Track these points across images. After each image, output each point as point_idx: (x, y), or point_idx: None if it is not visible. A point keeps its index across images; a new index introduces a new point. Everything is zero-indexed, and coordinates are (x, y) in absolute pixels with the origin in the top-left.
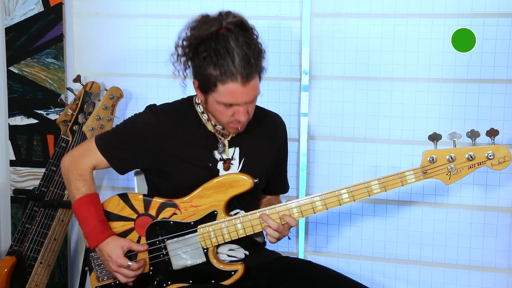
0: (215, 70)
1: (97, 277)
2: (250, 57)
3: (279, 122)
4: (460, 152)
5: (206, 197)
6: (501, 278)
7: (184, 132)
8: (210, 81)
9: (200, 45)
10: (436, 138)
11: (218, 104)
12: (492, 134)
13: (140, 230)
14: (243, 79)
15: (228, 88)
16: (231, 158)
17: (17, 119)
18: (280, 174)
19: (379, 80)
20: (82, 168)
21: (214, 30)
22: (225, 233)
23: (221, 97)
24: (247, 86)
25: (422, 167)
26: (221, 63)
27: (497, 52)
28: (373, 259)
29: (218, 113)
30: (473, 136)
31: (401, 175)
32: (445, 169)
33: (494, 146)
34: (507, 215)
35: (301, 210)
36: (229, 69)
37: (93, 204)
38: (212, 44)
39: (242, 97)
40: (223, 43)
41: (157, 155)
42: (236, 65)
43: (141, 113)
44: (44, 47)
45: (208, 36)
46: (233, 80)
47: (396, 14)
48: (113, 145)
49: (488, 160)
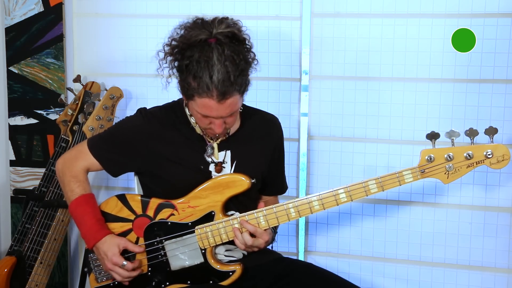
0: (194, 81)
1: (96, 278)
2: (230, 74)
3: (274, 123)
4: (459, 151)
5: (203, 198)
6: (501, 278)
7: (174, 134)
8: (189, 90)
9: (186, 50)
10: (434, 137)
11: (196, 112)
12: (490, 133)
13: (138, 231)
14: (219, 96)
15: (203, 102)
16: (222, 162)
17: (17, 119)
18: (277, 174)
19: (379, 80)
20: (75, 170)
21: (202, 38)
22: (222, 234)
23: (198, 107)
24: (223, 103)
25: (420, 166)
26: (199, 76)
27: (497, 52)
28: (373, 259)
29: (196, 118)
30: (472, 134)
31: (399, 175)
32: (443, 168)
33: (492, 144)
34: (507, 215)
35: (298, 210)
36: (206, 84)
37: (88, 204)
38: (196, 53)
39: (217, 112)
40: (207, 55)
41: (148, 158)
42: (214, 81)
43: (132, 116)
44: (44, 47)
45: (195, 43)
46: (209, 96)
47: (396, 14)
48: (105, 148)
49: (486, 159)
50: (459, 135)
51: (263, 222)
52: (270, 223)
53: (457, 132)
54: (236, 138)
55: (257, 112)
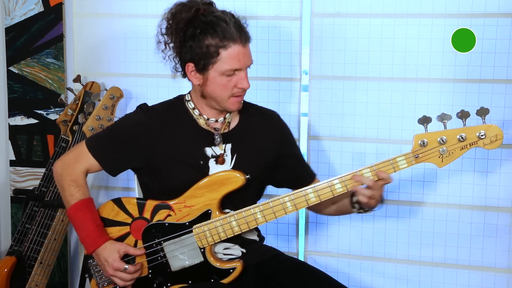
0: (214, 39)
1: (97, 283)
2: (239, 20)
3: (275, 117)
4: (451, 133)
5: (199, 197)
6: (501, 278)
7: (175, 130)
8: (210, 51)
9: (188, 27)
10: (426, 121)
11: (221, 76)
12: (482, 113)
13: (136, 234)
14: (243, 39)
15: (230, 52)
16: (223, 153)
17: (17, 119)
18: (299, 163)
19: (379, 80)
20: (75, 173)
21: (194, 11)
22: (220, 231)
23: (225, 63)
24: (247, 48)
25: (413, 152)
26: (218, 30)
27: (497, 52)
28: (373, 259)
29: (219, 88)
30: (464, 116)
31: (393, 161)
32: (437, 152)
33: (485, 125)
34: (507, 215)
35: (294, 204)
36: (228, 32)
37: (88, 209)
38: (201, 19)
39: (244, 59)
40: (211, 15)
41: (148, 153)
42: (232, 28)
43: (132, 113)
44: (44, 47)
45: (192, 17)
46: (234, 42)
47: (396, 14)
48: (105, 146)
49: (479, 140)
50: (450, 118)
51: (260, 217)
52: (267, 218)
53: (448, 115)
54: (236, 132)
55: (256, 108)
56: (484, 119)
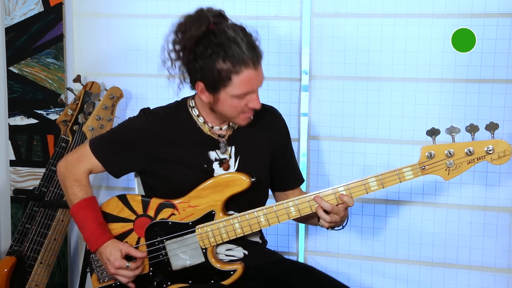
0: (225, 63)
1: (98, 278)
2: (251, 40)
3: (275, 113)
4: (459, 147)
5: (203, 197)
6: (501, 278)
7: (178, 134)
8: (222, 76)
9: (198, 46)
10: (434, 133)
11: (232, 98)
12: (491, 128)
13: (139, 231)
14: (255, 62)
15: (242, 78)
16: (228, 158)
17: (17, 119)
18: (290, 165)
19: (379, 80)
20: (77, 173)
21: (205, 28)
22: (223, 233)
23: (236, 88)
24: (259, 70)
25: (420, 163)
26: (230, 54)
27: (497, 52)
28: (373, 259)
29: (230, 108)
30: (472, 130)
31: (399, 172)
32: (444, 164)
33: (493, 140)
34: (507, 215)
35: (298, 209)
36: (240, 57)
37: (90, 208)
38: (212, 39)
39: (256, 82)
40: (222, 35)
41: (151, 158)
42: (245, 51)
43: (135, 117)
44: (44, 47)
45: (202, 34)
46: (246, 66)
47: (396, 14)
48: (107, 149)
49: (487, 154)
50: (459, 131)
51: (264, 221)
52: (270, 222)
53: (457, 128)
54: (239, 133)
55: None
56: (493, 134)
